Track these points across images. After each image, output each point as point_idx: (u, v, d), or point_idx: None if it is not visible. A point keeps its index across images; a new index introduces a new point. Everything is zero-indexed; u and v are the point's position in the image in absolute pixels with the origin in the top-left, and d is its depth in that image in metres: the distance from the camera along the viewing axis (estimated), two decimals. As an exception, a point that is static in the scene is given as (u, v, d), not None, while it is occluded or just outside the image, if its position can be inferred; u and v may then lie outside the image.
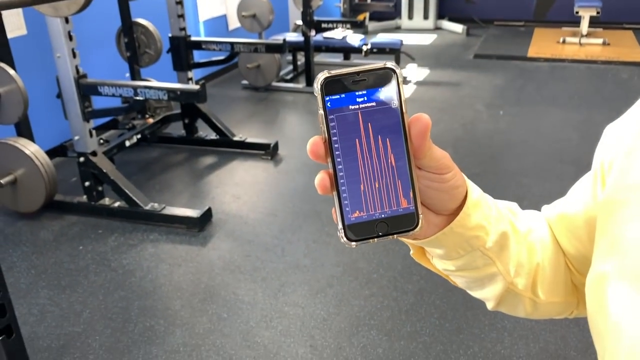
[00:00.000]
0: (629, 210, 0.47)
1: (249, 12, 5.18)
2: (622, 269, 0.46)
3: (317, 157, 0.43)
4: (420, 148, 0.43)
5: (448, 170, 0.46)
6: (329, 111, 0.42)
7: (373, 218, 0.43)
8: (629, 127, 0.52)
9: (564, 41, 6.78)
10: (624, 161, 0.50)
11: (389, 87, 0.42)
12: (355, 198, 0.43)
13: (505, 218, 0.56)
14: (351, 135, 0.42)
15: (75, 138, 2.99)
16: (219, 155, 3.97)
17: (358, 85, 0.42)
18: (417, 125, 0.43)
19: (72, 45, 2.81)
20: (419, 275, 2.57)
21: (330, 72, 0.42)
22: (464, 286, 0.61)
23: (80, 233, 3.00)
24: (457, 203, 0.49)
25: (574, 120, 4.41)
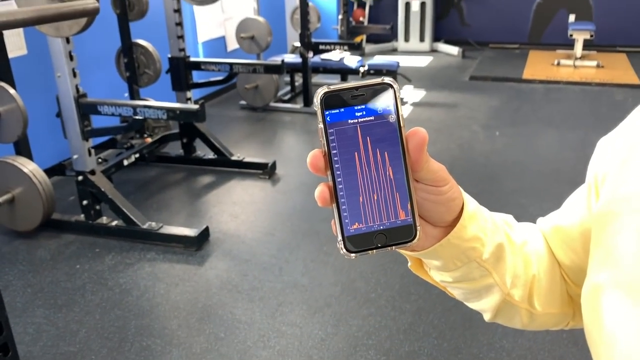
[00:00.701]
0: (622, 221, 0.48)
1: (248, 33, 5.24)
2: (616, 280, 0.47)
3: (316, 170, 0.44)
4: (418, 161, 0.44)
5: (445, 183, 0.47)
6: (329, 125, 0.43)
7: (372, 230, 0.44)
8: (621, 140, 0.53)
9: (559, 63, 6.86)
10: (617, 173, 0.51)
11: (387, 102, 0.43)
12: (354, 210, 0.44)
13: (501, 230, 0.57)
14: (350, 148, 0.43)
15: (74, 157, 3.00)
16: (217, 174, 3.98)
17: (357, 100, 0.43)
18: (415, 138, 0.44)
19: (72, 65, 2.84)
20: (417, 294, 2.57)
21: (330, 87, 0.43)
22: (462, 298, 0.62)
23: (77, 252, 2.99)
24: (454, 215, 0.50)
25: (570, 140, 4.45)
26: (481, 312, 0.64)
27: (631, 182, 0.49)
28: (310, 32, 5.34)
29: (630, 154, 0.51)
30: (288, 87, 5.93)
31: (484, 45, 8.21)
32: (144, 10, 3.82)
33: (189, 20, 5.19)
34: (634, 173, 0.49)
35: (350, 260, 2.85)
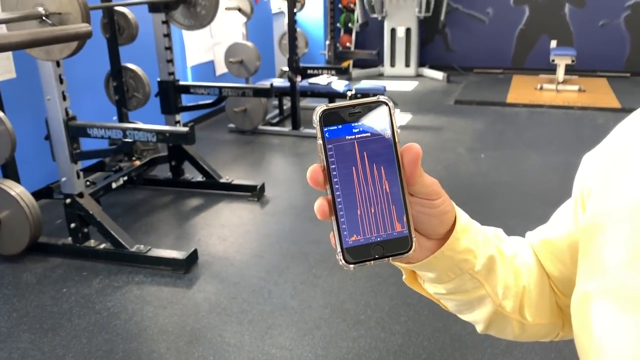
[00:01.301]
0: (608, 233, 0.50)
1: (237, 58, 5.30)
2: (604, 288, 0.49)
3: (316, 184, 0.46)
4: (412, 175, 0.46)
5: (438, 197, 0.49)
6: (327, 141, 0.45)
7: (369, 241, 0.46)
8: (605, 155, 0.56)
9: (542, 88, 7.01)
10: (602, 186, 0.54)
11: (382, 119, 0.46)
12: (352, 222, 0.45)
13: (492, 243, 0.59)
14: (348, 163, 0.45)
15: (63, 179, 2.99)
16: (205, 197, 3.99)
17: (354, 117, 0.45)
18: (409, 153, 0.46)
19: (62, 88, 2.85)
20: (406, 316, 2.57)
21: (328, 105, 0.45)
22: (455, 310, 0.64)
23: (64, 275, 2.96)
24: (447, 228, 0.52)
25: (554, 163, 4.53)
26: (474, 323, 0.65)
27: (615, 195, 0.51)
28: (298, 56, 5.41)
29: (614, 169, 0.53)
30: (276, 111, 5.98)
31: (468, 70, 8.37)
32: (133, 35, 3.86)
33: (178, 45, 5.24)
34: (617, 186, 0.52)
35: (339, 282, 2.86)
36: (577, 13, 7.78)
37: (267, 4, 7.10)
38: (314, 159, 4.16)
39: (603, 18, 7.65)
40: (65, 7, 2.35)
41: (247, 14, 5.49)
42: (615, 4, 7.54)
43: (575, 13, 7.79)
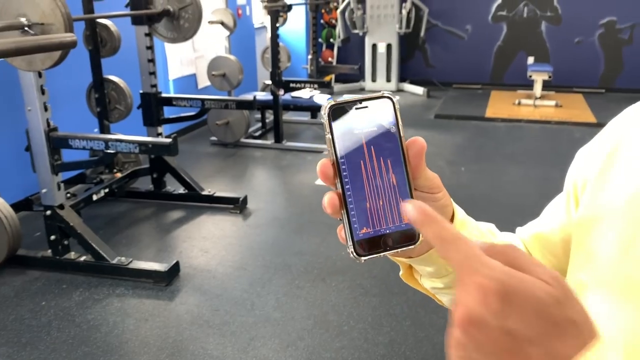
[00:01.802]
0: (603, 226, 0.53)
1: (219, 71, 5.32)
2: (598, 281, 0.52)
3: (325, 178, 0.46)
4: (417, 168, 0.48)
5: (439, 190, 0.51)
6: (336, 136, 0.46)
7: (379, 233, 0.46)
8: (599, 149, 0.58)
9: (519, 103, 7.14)
10: (596, 180, 0.57)
11: (388, 113, 0.47)
12: (362, 215, 0.46)
13: (486, 237, 0.61)
14: (356, 157, 0.46)
15: (43, 191, 2.96)
16: (187, 209, 3.97)
17: (360, 112, 0.46)
18: (415, 147, 0.47)
19: (44, 99, 2.83)
20: (389, 326, 2.58)
21: (336, 100, 0.46)
22: (450, 304, 0.66)
23: (43, 288, 2.91)
24: None
25: (532, 176, 4.61)
26: None
27: (610, 189, 0.54)
28: (281, 70, 5.45)
29: (608, 163, 0.56)
30: (259, 124, 6.00)
31: (447, 85, 8.49)
32: (116, 47, 3.86)
33: (161, 58, 5.24)
34: (612, 181, 0.55)
35: (322, 293, 2.86)
36: (554, 30, 7.97)
37: (249, 18, 7.15)
38: (296, 172, 4.19)
39: (578, 36, 7.85)
40: (48, 18, 2.34)
41: (230, 28, 5.53)
42: (589, 22, 7.75)
43: (551, 30, 7.99)
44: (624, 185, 0.53)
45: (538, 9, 7.98)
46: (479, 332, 0.35)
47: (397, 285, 2.91)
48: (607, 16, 7.65)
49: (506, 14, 8.15)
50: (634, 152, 0.55)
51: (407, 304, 2.75)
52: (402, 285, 2.39)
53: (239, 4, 6.68)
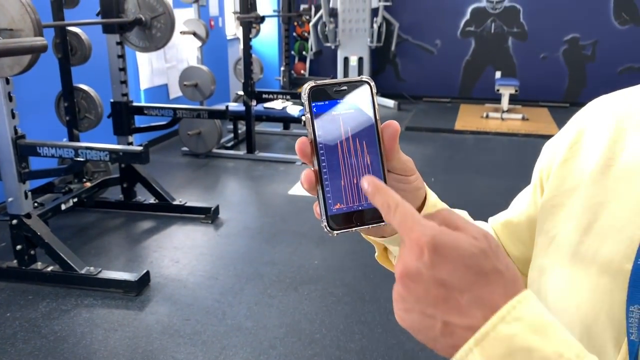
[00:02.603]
0: (565, 212, 0.57)
1: (191, 81, 5.30)
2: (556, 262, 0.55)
3: (303, 155, 0.49)
4: (391, 150, 0.50)
5: (412, 173, 0.53)
6: (315, 115, 0.48)
7: (352, 209, 0.49)
8: (563, 140, 0.62)
9: (487, 116, 7.30)
10: (559, 169, 0.60)
11: (365, 97, 0.49)
12: (336, 192, 0.48)
13: None
14: (333, 137, 0.48)
15: (9, 199, 2.90)
16: (158, 219, 3.93)
17: (339, 94, 0.49)
18: (389, 129, 0.50)
19: (11, 106, 2.79)
20: (360, 334, 2.60)
21: (316, 82, 0.49)
22: None
23: (7, 299, 2.84)
24: (419, 203, 0.56)
25: (499, 187, 4.70)
26: None
27: (572, 175, 0.58)
28: (253, 81, 5.47)
29: (571, 152, 0.60)
30: (231, 135, 5.99)
31: (418, 98, 8.63)
32: (86, 55, 3.82)
33: (132, 68, 5.21)
34: (574, 168, 0.58)
35: (294, 302, 2.87)
36: (520, 46, 8.20)
37: (222, 29, 7.16)
38: (269, 182, 4.19)
39: (543, 51, 8.09)
40: (17, 24, 2.32)
41: (202, 39, 5.53)
42: (554, 39, 8.00)
43: (518, 46, 8.21)
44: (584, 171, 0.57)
45: (505, 25, 8.20)
46: (415, 283, 0.39)
47: (368, 293, 2.93)
48: (571, 33, 7.91)
49: (474, 30, 8.35)
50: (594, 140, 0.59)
51: (379, 311, 2.77)
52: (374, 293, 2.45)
53: (211, 15, 6.69)
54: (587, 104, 0.64)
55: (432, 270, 0.38)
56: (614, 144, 0.57)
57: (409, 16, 8.46)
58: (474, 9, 8.27)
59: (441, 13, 8.35)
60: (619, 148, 0.56)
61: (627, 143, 0.56)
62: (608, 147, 0.57)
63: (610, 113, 0.60)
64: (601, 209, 0.54)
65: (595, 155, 0.58)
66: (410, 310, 0.40)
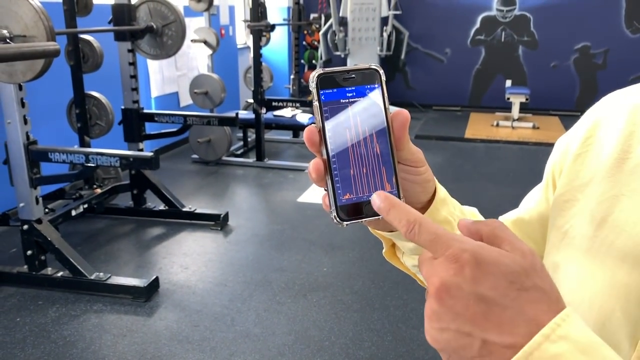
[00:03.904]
0: (578, 206, 0.56)
1: (202, 89, 5.33)
2: (570, 258, 0.54)
3: (312, 144, 0.48)
4: (401, 139, 0.49)
5: (422, 164, 0.52)
6: (323, 103, 0.47)
7: (361, 200, 0.48)
8: (576, 136, 0.61)
9: (498, 124, 7.27)
10: (573, 164, 0.59)
11: (374, 85, 0.48)
12: (346, 181, 0.47)
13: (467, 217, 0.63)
14: (342, 125, 0.47)
15: (21, 205, 2.92)
16: (168, 226, 3.94)
17: (348, 82, 0.48)
18: (399, 118, 0.49)
19: (24, 112, 2.81)
20: (370, 341, 2.58)
21: (325, 69, 0.48)
22: None
23: (18, 304, 2.85)
24: (428, 196, 0.55)
25: (510, 195, 4.67)
26: None
27: (585, 172, 0.57)
28: (263, 89, 5.49)
29: (584, 147, 0.59)
30: (241, 142, 6.00)
31: (427, 107, 8.62)
32: (98, 63, 3.85)
33: (143, 76, 5.25)
34: (588, 163, 0.57)
35: (303, 309, 2.85)
36: (530, 54, 8.17)
37: (233, 38, 7.21)
38: (278, 190, 4.19)
39: (554, 60, 8.06)
40: (30, 30, 2.35)
41: (212, 47, 5.56)
42: (564, 47, 7.97)
43: (528, 54, 8.19)
44: (598, 165, 0.56)
45: (515, 33, 8.19)
46: (454, 299, 0.37)
47: (378, 301, 2.91)
48: (582, 41, 7.88)
49: (484, 39, 8.34)
50: (608, 134, 0.58)
51: (388, 319, 2.75)
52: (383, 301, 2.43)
53: (222, 23, 6.74)
54: (601, 99, 0.63)
55: (473, 286, 0.36)
56: (628, 138, 0.56)
57: (419, 25, 8.47)
58: (484, 17, 8.27)
59: (451, 22, 8.36)
60: (634, 142, 0.55)
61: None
62: (622, 140, 0.56)
63: (624, 107, 0.59)
64: (616, 202, 0.53)
65: (609, 149, 0.57)
66: (445, 329, 0.38)
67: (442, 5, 8.35)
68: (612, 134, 0.57)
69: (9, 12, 2.32)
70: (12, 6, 2.31)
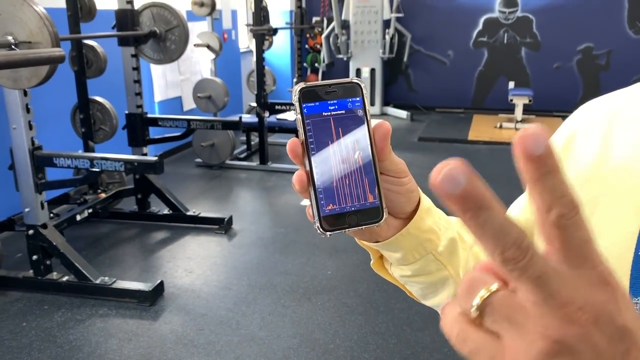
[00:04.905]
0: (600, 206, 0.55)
1: (205, 93, 5.35)
2: None
3: (295, 156, 0.48)
4: (383, 150, 0.50)
5: (405, 175, 0.53)
6: (306, 116, 0.48)
7: (344, 210, 0.48)
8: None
9: (501, 126, 7.26)
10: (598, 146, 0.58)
11: (356, 98, 0.49)
12: (329, 192, 0.48)
13: (453, 228, 0.63)
14: (325, 137, 0.48)
15: (26, 210, 2.93)
16: (172, 230, 3.95)
17: (330, 95, 0.49)
18: (380, 130, 0.49)
19: (29, 118, 2.83)
20: (375, 344, 2.58)
21: (307, 83, 0.49)
22: (420, 294, 0.66)
23: (24, 309, 2.86)
24: (412, 206, 0.56)
25: (514, 197, 4.65)
26: (438, 307, 0.68)
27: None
28: (266, 93, 5.50)
29: (563, 155, 0.59)
30: (244, 146, 6.02)
31: (430, 109, 8.62)
32: (102, 68, 3.87)
33: (146, 80, 5.26)
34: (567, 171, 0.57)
35: (308, 312, 2.85)
36: (533, 56, 8.17)
37: (235, 42, 7.23)
38: (282, 193, 4.19)
39: (557, 61, 8.05)
40: (35, 37, 2.36)
41: (215, 51, 5.58)
42: (567, 48, 7.96)
43: (531, 56, 8.18)
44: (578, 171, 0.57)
45: (518, 35, 8.18)
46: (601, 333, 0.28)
47: (382, 303, 2.91)
48: (585, 42, 7.87)
49: (487, 40, 8.34)
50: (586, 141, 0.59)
51: (393, 322, 2.75)
52: (388, 303, 2.43)
53: (225, 28, 6.76)
54: (578, 108, 0.64)
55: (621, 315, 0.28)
56: (605, 142, 0.57)
57: (421, 27, 8.48)
58: (487, 19, 8.27)
59: (453, 24, 8.36)
60: (610, 145, 0.56)
61: (618, 140, 0.56)
62: (600, 145, 0.57)
63: (600, 113, 0.60)
64: (595, 204, 0.54)
65: (587, 155, 0.58)
66: None
67: (444, 8, 8.35)
68: (590, 140, 0.58)
69: (14, 18, 2.33)
70: (17, 12, 2.33)
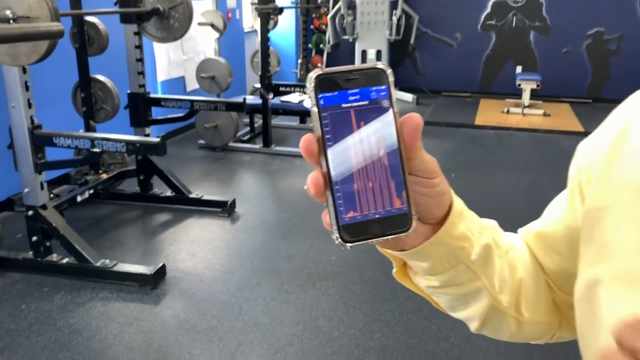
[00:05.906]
0: (615, 214, 0.48)
1: (208, 73, 5.25)
2: (613, 274, 0.46)
3: (309, 155, 0.42)
4: (412, 147, 0.43)
5: (436, 175, 0.46)
6: (322, 108, 0.41)
7: (367, 218, 0.42)
8: (605, 137, 0.53)
9: (508, 111, 7.16)
10: (603, 169, 0.51)
11: (381, 87, 0.42)
12: (349, 198, 0.42)
13: (487, 232, 0.56)
14: (344, 133, 0.41)
15: (25, 190, 2.87)
16: (174, 212, 3.89)
17: (350, 84, 0.42)
18: (410, 124, 0.42)
19: (28, 96, 2.75)
20: (380, 332, 2.53)
21: (324, 69, 0.42)
22: (447, 305, 0.60)
23: (23, 291, 2.82)
24: (444, 211, 0.49)
25: (521, 183, 4.60)
26: (468, 321, 0.61)
27: (620, 174, 0.49)
28: (270, 74, 5.40)
29: (615, 149, 0.51)
30: (247, 128, 5.94)
31: (437, 93, 8.50)
32: (103, 46, 3.78)
33: (149, 60, 5.17)
34: (622, 166, 0.49)
35: (312, 298, 2.80)
36: (542, 40, 8.03)
37: (239, 21, 7.10)
38: (285, 176, 4.14)
39: (566, 46, 7.91)
40: (34, 11, 2.28)
41: (219, 30, 5.48)
42: (577, 33, 7.82)
43: (539, 40, 8.04)
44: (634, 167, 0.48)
45: (527, 18, 8.03)
46: None
47: (388, 291, 2.86)
48: (595, 27, 7.73)
49: (495, 24, 8.20)
50: None
51: (399, 310, 2.70)
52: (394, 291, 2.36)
53: (229, 7, 6.63)
54: (630, 96, 0.55)
55: None
56: None
57: (429, 9, 8.33)
58: (495, 2, 8.11)
59: (462, 6, 8.21)
60: None
61: None
62: None
63: None
64: None
65: None
66: None
67: (452, -11, 8.20)
68: None
69: (12, -8, 2.25)
70: (15, -14, 2.24)
